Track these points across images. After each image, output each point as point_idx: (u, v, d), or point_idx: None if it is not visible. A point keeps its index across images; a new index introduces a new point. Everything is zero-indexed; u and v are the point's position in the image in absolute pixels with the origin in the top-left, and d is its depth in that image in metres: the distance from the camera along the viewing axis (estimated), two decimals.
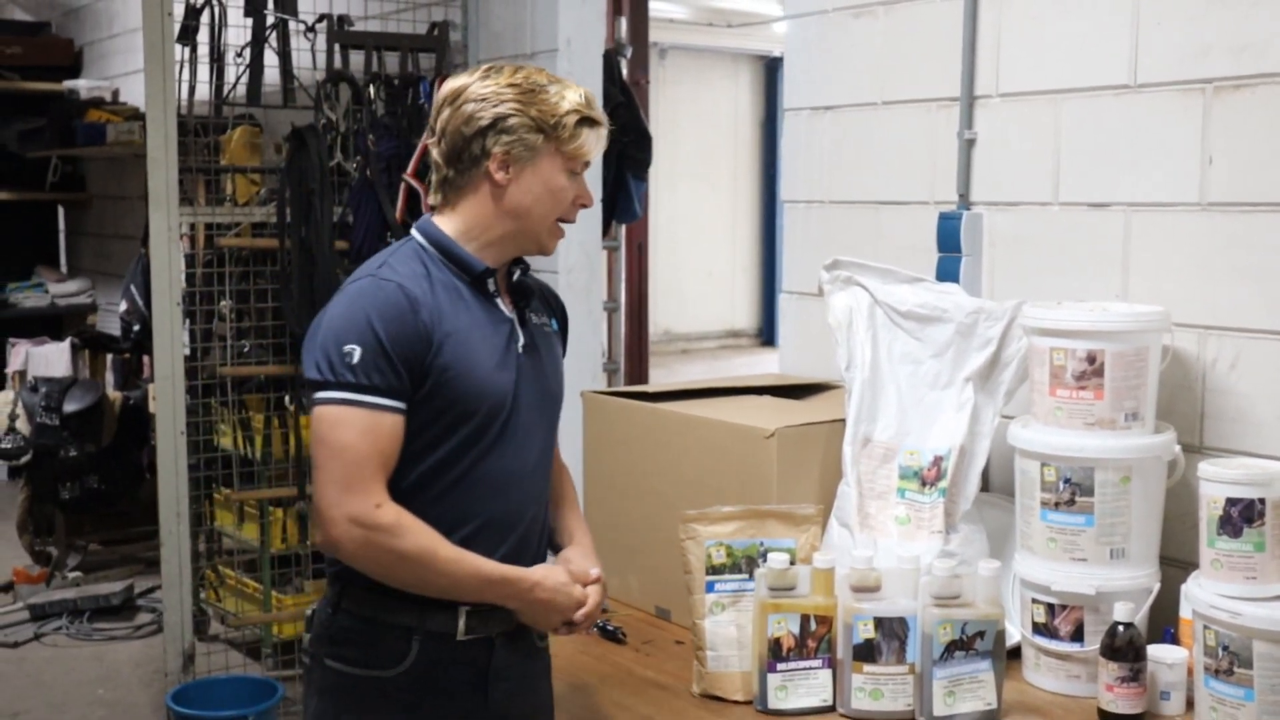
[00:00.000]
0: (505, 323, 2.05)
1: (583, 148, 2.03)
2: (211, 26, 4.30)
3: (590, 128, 2.03)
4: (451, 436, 1.98)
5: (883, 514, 2.47)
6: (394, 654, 2.00)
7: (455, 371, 1.96)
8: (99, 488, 5.86)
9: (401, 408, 1.93)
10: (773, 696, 2.20)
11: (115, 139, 6.09)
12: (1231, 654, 2.06)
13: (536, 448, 2.09)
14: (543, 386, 2.09)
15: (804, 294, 3.18)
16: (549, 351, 2.13)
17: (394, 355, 1.91)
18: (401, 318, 1.93)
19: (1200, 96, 2.40)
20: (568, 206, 2.06)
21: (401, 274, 1.98)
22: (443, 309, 1.97)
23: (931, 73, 2.87)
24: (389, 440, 1.93)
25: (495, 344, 2.02)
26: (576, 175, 2.05)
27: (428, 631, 2.01)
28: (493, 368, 2.00)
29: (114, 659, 4.91)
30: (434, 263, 2.03)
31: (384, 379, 1.91)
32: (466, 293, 2.02)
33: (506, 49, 4.21)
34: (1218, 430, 2.40)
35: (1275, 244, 2.31)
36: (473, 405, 1.98)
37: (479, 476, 2.01)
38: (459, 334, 1.98)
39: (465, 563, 1.96)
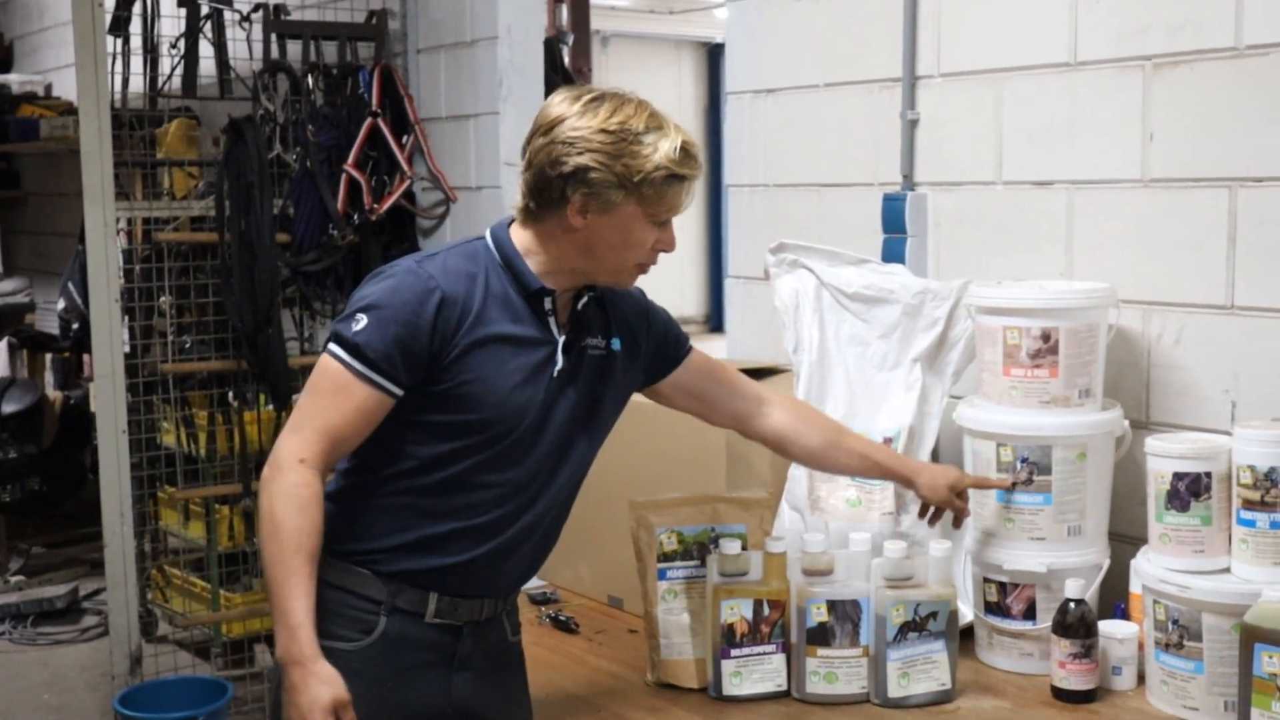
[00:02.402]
0: (548, 345, 2.00)
1: (666, 206, 1.99)
2: (144, 17, 4.24)
3: (680, 183, 1.98)
4: (455, 437, 1.96)
5: (833, 497, 2.47)
6: (362, 626, 1.98)
7: (472, 376, 1.93)
8: (41, 489, 5.77)
9: (384, 387, 1.91)
10: (727, 683, 2.19)
11: (49, 134, 5.97)
12: (1181, 627, 2.07)
13: (566, 468, 2.05)
14: (572, 413, 2.03)
15: (750, 278, 3.17)
16: (592, 376, 2.06)
17: (395, 340, 1.89)
18: (420, 310, 1.91)
19: (1140, 73, 2.41)
20: (646, 253, 2.03)
21: (450, 269, 1.96)
22: (482, 315, 1.95)
23: (873, 54, 2.86)
24: (351, 410, 1.90)
25: (529, 363, 1.98)
26: (662, 225, 2.02)
27: (396, 608, 1.98)
28: (518, 384, 1.97)
29: (59, 663, 4.84)
30: (494, 269, 2.00)
31: (375, 354, 1.89)
32: (518, 307, 1.99)
33: (446, 37, 4.17)
34: (1163, 405, 2.41)
35: (1216, 219, 2.32)
36: (484, 415, 1.95)
37: (476, 483, 1.97)
38: (493, 344, 1.95)
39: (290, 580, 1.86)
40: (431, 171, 4.18)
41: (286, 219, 4.08)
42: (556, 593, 2.78)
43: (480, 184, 4.08)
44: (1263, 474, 2.04)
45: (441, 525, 1.97)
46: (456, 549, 1.98)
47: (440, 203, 4.23)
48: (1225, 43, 2.29)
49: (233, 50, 4.25)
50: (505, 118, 4.00)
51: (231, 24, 4.22)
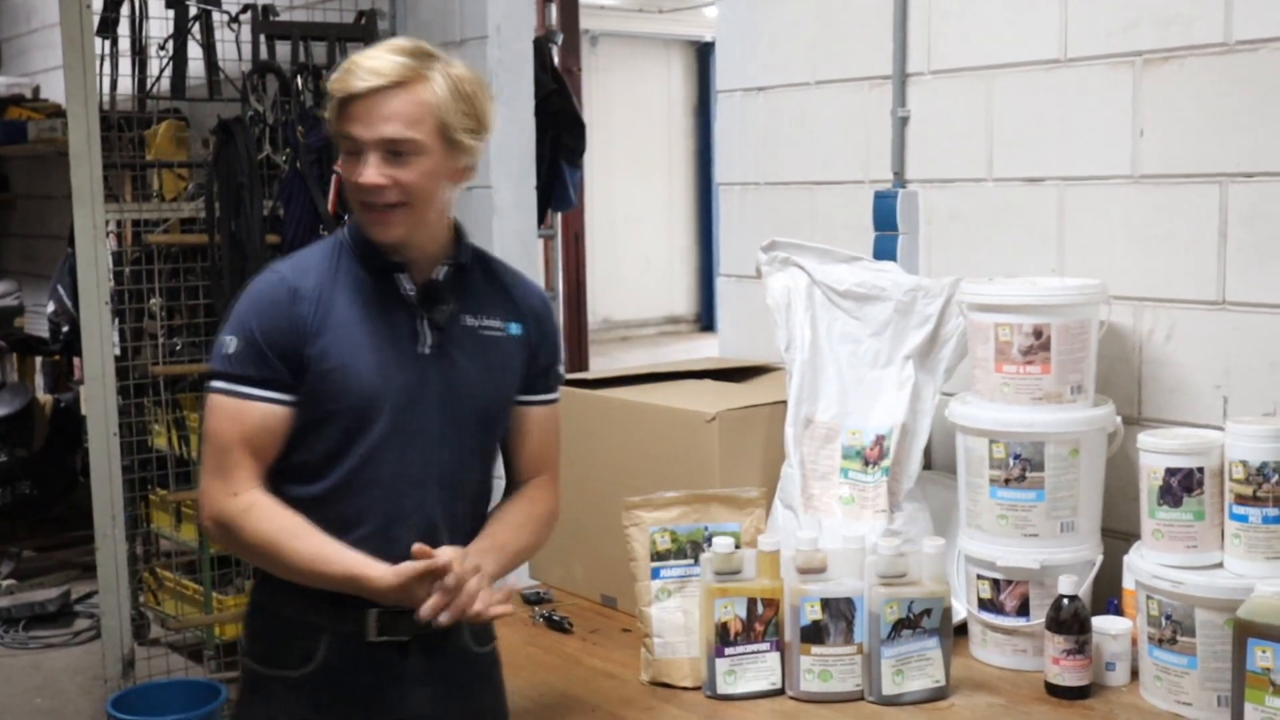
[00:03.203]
0: (407, 322, 1.96)
1: (339, 126, 1.90)
2: (132, 19, 4.22)
3: (332, 100, 1.90)
4: (332, 431, 1.93)
5: (826, 494, 2.47)
6: (302, 653, 1.96)
7: (330, 365, 1.91)
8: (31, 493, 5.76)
9: (275, 397, 1.91)
10: (721, 681, 2.19)
11: (37, 137, 5.96)
12: (1174, 623, 2.07)
13: (443, 456, 1.97)
14: (459, 392, 1.98)
15: (742, 276, 3.17)
16: (485, 357, 2.01)
17: (266, 346, 1.90)
18: (276, 309, 1.91)
19: (1130, 69, 2.41)
20: (355, 189, 1.91)
21: (299, 265, 1.97)
22: (335, 301, 1.93)
23: (864, 51, 2.86)
24: (255, 429, 1.91)
25: (387, 343, 1.94)
26: (356, 154, 1.90)
27: (337, 631, 1.95)
28: (372, 365, 1.92)
29: (52, 667, 4.82)
30: (348, 255, 1.98)
31: (257, 370, 1.90)
32: (371, 287, 1.95)
33: (435, 36, 4.16)
34: (1155, 401, 2.41)
35: (1207, 214, 2.32)
36: (346, 401, 1.92)
37: (369, 479, 1.93)
38: (346, 329, 1.92)
39: (316, 560, 1.88)
40: None
41: (277, 220, 4.06)
42: (550, 592, 2.78)
43: (470, 184, 4.07)
44: (1255, 469, 2.04)
45: (351, 532, 1.91)
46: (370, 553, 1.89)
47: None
48: (1215, 38, 2.29)
49: (221, 51, 4.24)
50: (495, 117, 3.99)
51: (220, 25, 4.21)
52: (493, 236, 4.03)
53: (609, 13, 11.95)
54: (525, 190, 4.10)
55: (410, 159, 1.90)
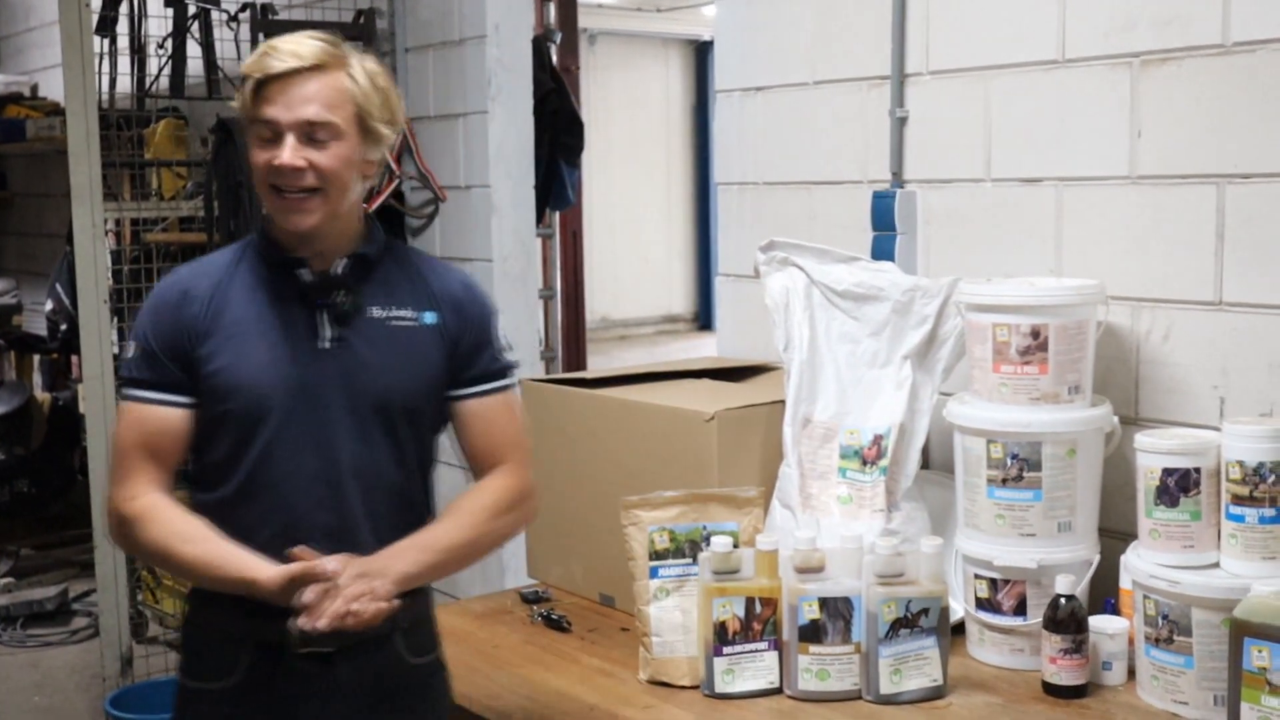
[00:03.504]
0: (305, 317, 1.92)
1: (252, 110, 1.88)
2: (131, 17, 4.23)
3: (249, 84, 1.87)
4: (227, 433, 1.91)
5: (825, 494, 2.47)
6: (225, 664, 1.93)
7: (219, 365, 1.90)
8: (29, 491, 5.77)
9: (172, 400, 1.91)
10: (719, 680, 2.20)
11: (35, 135, 5.96)
12: (1171, 622, 2.08)
13: (348, 451, 1.92)
14: (363, 386, 1.93)
15: (740, 276, 3.17)
16: (394, 349, 1.96)
17: (159, 350, 1.91)
18: (167, 311, 1.93)
19: (1128, 70, 2.42)
20: (268, 174, 1.88)
21: (198, 268, 1.98)
22: (229, 301, 1.92)
23: (862, 52, 2.87)
24: (154, 433, 1.91)
25: (281, 339, 1.91)
26: (269, 140, 1.87)
27: (258, 641, 1.90)
28: (266, 363, 1.90)
29: (50, 665, 4.82)
30: (251, 254, 1.98)
31: (152, 373, 1.91)
32: (269, 284, 1.94)
33: (434, 36, 4.17)
34: (1152, 401, 2.42)
35: (1204, 215, 2.33)
36: (233, 400, 1.90)
37: (265, 482, 1.90)
38: (238, 326, 1.91)
39: (206, 563, 1.86)
40: (420, 170, 4.18)
41: None
42: (548, 591, 2.79)
43: (469, 183, 4.08)
44: (1251, 469, 2.04)
45: (255, 536, 1.87)
46: (280, 555, 1.84)
47: (429, 202, 4.23)
48: (1213, 39, 2.30)
49: (220, 50, 4.24)
50: (494, 116, 4.00)
51: (219, 23, 4.22)
52: (491, 235, 4.03)
53: (607, 11, 11.95)
54: (524, 189, 4.10)
55: (328, 144, 1.88)
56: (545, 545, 2.86)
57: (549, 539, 2.84)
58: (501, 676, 2.34)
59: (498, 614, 2.68)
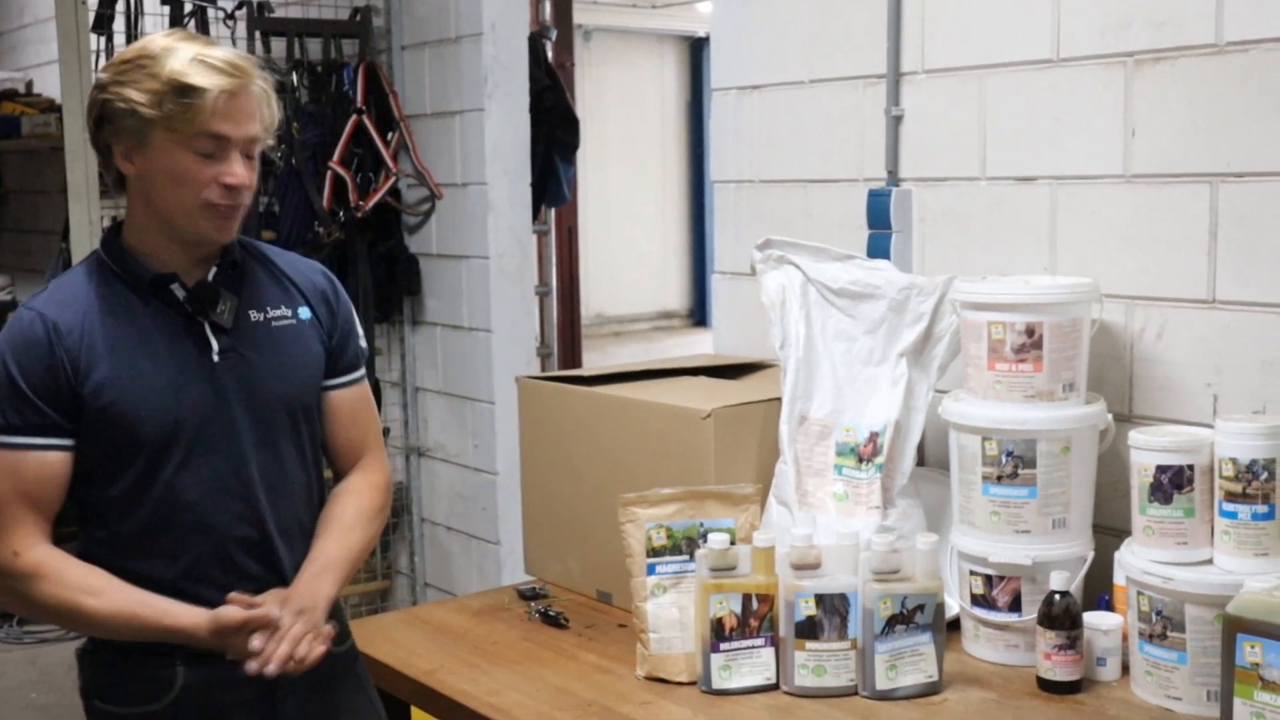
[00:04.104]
0: (190, 333, 1.87)
1: (194, 123, 1.77)
2: (127, 15, 4.23)
3: (196, 96, 1.76)
4: (132, 465, 1.83)
5: (821, 491, 2.48)
6: (159, 684, 1.87)
7: (113, 396, 1.81)
8: None
9: (51, 444, 1.81)
10: (716, 677, 2.21)
11: (31, 131, 5.95)
12: (1164, 618, 2.09)
13: (258, 461, 1.91)
14: (262, 392, 1.91)
15: (737, 274, 3.18)
16: (281, 349, 1.94)
17: (29, 390, 1.79)
18: (36, 350, 1.80)
19: (1122, 69, 2.43)
20: (207, 188, 1.81)
21: (55, 298, 1.84)
22: (100, 331, 1.82)
23: (858, 50, 2.88)
24: (33, 481, 1.80)
25: (173, 359, 1.86)
26: (211, 154, 1.81)
27: (190, 654, 1.86)
28: (162, 386, 1.83)
29: (47, 662, 4.83)
30: (105, 277, 1.86)
31: (21, 417, 1.79)
32: (140, 306, 1.85)
33: (430, 33, 4.18)
34: (1146, 399, 2.43)
35: (1198, 214, 2.34)
36: (138, 431, 1.82)
37: (179, 505, 1.85)
38: (120, 356, 1.82)
39: (124, 616, 1.80)
40: (417, 168, 4.19)
41: (272, 216, 4.08)
42: (545, 588, 2.80)
43: (466, 180, 4.09)
44: (1244, 466, 2.06)
45: (179, 560, 1.86)
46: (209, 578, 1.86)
47: (426, 199, 4.24)
48: (1206, 39, 2.31)
49: None
50: (490, 114, 4.01)
51: (215, 21, 4.22)
52: (488, 232, 4.04)
53: (602, 8, 11.93)
54: (520, 186, 4.11)
55: (253, 160, 1.88)
56: (542, 542, 2.87)
57: (546, 536, 2.85)
58: (499, 673, 2.35)
59: (495, 611, 2.69)
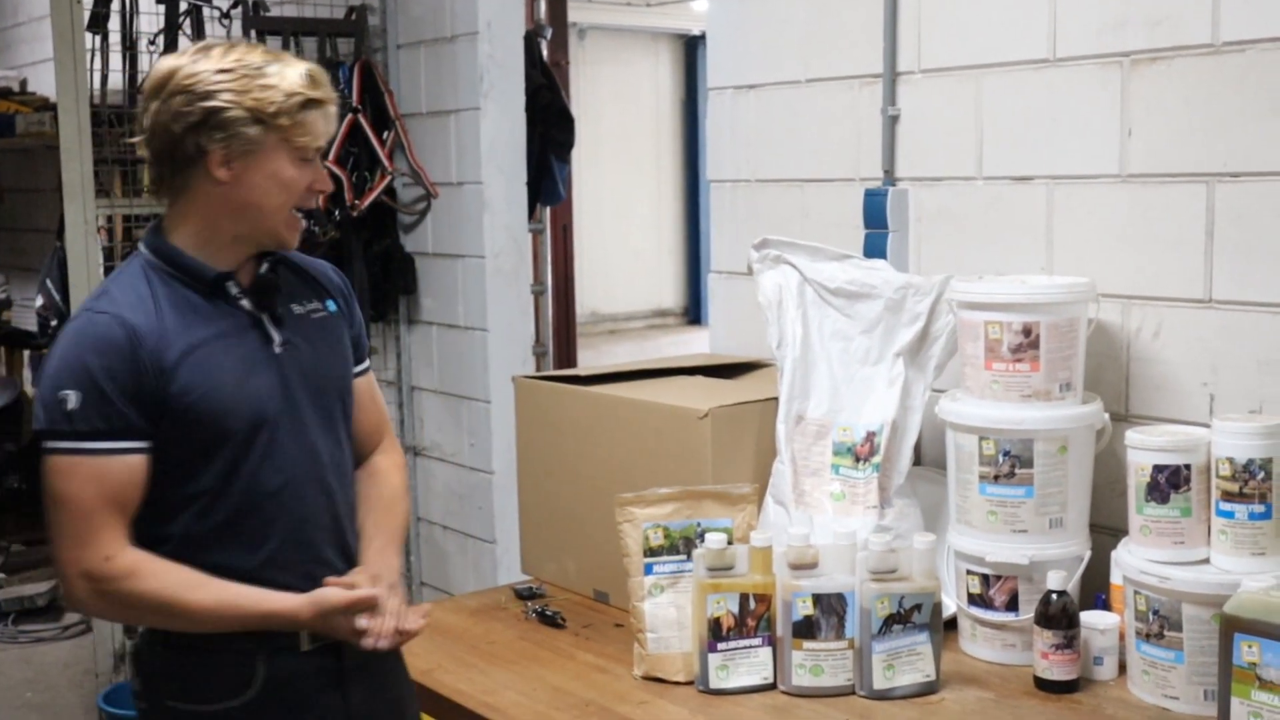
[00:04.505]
0: (253, 326, 1.93)
1: (310, 134, 1.88)
2: (123, 13, 4.22)
3: (317, 109, 1.87)
4: (214, 461, 1.86)
5: (818, 491, 2.48)
6: (241, 679, 1.91)
7: (197, 394, 1.84)
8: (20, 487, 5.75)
9: (135, 446, 1.82)
10: (714, 676, 2.21)
11: (25, 130, 5.94)
12: (1161, 618, 2.09)
13: (324, 446, 1.98)
14: (318, 380, 1.98)
15: (733, 273, 3.18)
16: (323, 340, 2.01)
17: (115, 395, 1.80)
18: (119, 353, 1.80)
19: (1118, 69, 2.43)
20: (303, 195, 1.92)
21: (121, 302, 1.85)
22: (172, 331, 1.85)
23: (854, 49, 2.88)
24: (120, 485, 1.82)
25: (244, 352, 1.90)
26: (309, 161, 1.91)
27: (271, 649, 1.91)
28: (242, 378, 1.88)
29: (42, 661, 4.82)
30: (161, 278, 1.89)
31: (106, 422, 1.80)
32: (202, 304, 1.89)
33: (426, 32, 4.17)
34: (1143, 398, 2.43)
35: (1194, 213, 2.34)
36: (226, 423, 1.86)
37: (263, 493, 1.90)
38: (197, 353, 1.85)
39: (222, 607, 1.84)
40: (413, 167, 4.19)
41: None
42: (542, 588, 2.80)
43: (461, 179, 4.09)
44: (1241, 466, 2.06)
45: (261, 549, 1.90)
46: (289, 563, 1.91)
47: (421, 198, 4.24)
48: (1203, 39, 2.31)
49: None
50: (486, 113, 4.01)
51: (211, 20, 4.21)
52: (483, 231, 4.04)
53: (597, 6, 11.93)
54: (516, 185, 4.11)
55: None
56: (539, 541, 2.87)
57: (543, 535, 2.85)
58: (496, 673, 2.35)
59: (492, 610, 2.69)
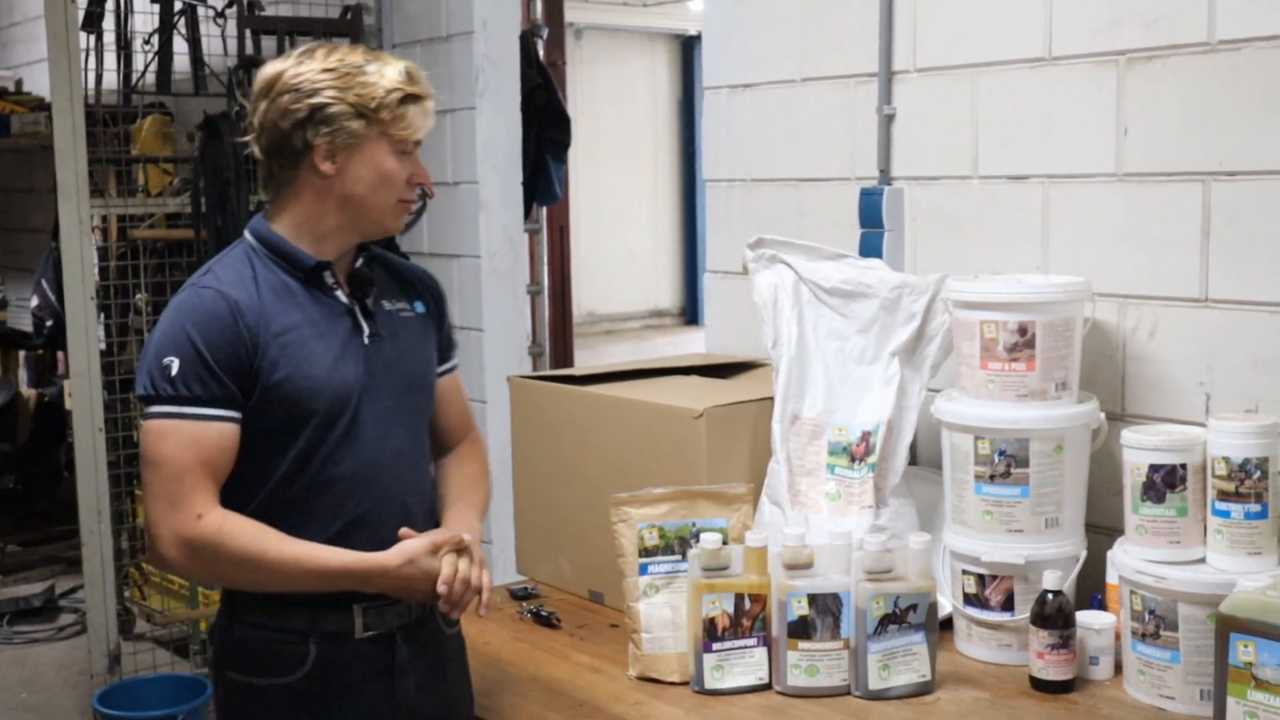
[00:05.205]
0: (345, 315, 2.01)
1: (409, 127, 1.97)
2: (117, 13, 4.22)
3: (415, 104, 1.97)
4: (298, 438, 1.94)
5: (813, 490, 2.48)
6: (292, 659, 1.98)
7: (287, 373, 1.92)
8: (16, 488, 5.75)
9: (229, 415, 1.90)
10: (709, 676, 2.21)
11: (20, 130, 5.94)
12: (1157, 617, 2.09)
13: (402, 437, 2.04)
14: (400, 374, 2.05)
15: (729, 273, 3.18)
16: (409, 337, 2.09)
17: (214, 363, 1.88)
18: (220, 325, 1.90)
19: (1114, 68, 2.43)
20: (403, 188, 2.00)
21: (224, 280, 1.95)
22: (269, 311, 1.94)
23: (850, 49, 2.87)
24: (214, 450, 1.89)
25: (334, 339, 1.98)
26: (408, 154, 2.00)
27: (323, 633, 1.98)
28: (330, 363, 1.96)
29: (36, 662, 4.82)
30: (263, 262, 1.98)
31: (205, 389, 1.88)
32: (299, 290, 1.98)
33: (421, 32, 4.17)
34: (1139, 398, 2.43)
35: (1190, 212, 2.34)
36: (311, 404, 1.93)
37: (336, 475, 1.97)
38: (289, 334, 1.94)
39: (304, 559, 1.90)
40: None
41: None
42: (537, 588, 2.79)
43: (458, 179, 4.08)
44: (1237, 465, 2.06)
45: (328, 528, 1.95)
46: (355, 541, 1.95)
47: (418, 198, 4.23)
48: (1198, 38, 2.31)
49: (207, 46, 4.24)
50: (482, 113, 4.00)
51: (205, 20, 4.21)
52: (479, 231, 4.04)
53: (593, 6, 11.95)
54: (512, 185, 4.11)
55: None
56: (534, 542, 2.87)
57: (538, 535, 2.85)
58: (491, 673, 2.35)
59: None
